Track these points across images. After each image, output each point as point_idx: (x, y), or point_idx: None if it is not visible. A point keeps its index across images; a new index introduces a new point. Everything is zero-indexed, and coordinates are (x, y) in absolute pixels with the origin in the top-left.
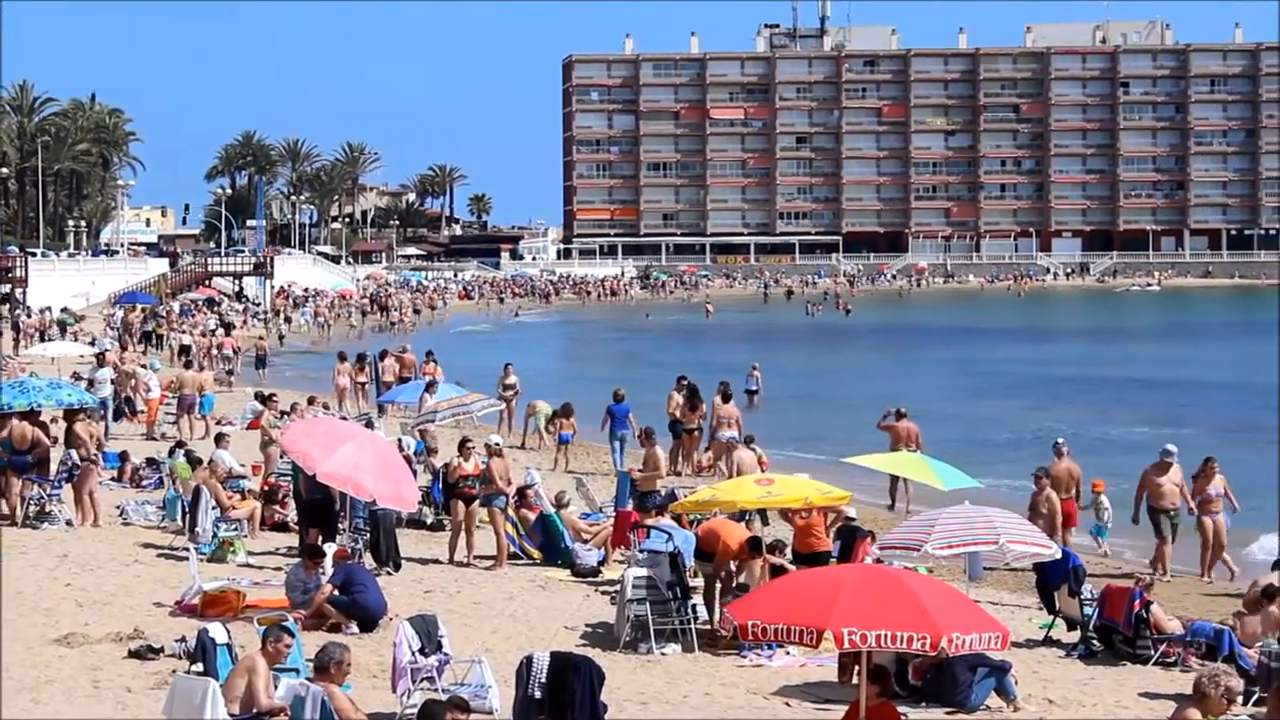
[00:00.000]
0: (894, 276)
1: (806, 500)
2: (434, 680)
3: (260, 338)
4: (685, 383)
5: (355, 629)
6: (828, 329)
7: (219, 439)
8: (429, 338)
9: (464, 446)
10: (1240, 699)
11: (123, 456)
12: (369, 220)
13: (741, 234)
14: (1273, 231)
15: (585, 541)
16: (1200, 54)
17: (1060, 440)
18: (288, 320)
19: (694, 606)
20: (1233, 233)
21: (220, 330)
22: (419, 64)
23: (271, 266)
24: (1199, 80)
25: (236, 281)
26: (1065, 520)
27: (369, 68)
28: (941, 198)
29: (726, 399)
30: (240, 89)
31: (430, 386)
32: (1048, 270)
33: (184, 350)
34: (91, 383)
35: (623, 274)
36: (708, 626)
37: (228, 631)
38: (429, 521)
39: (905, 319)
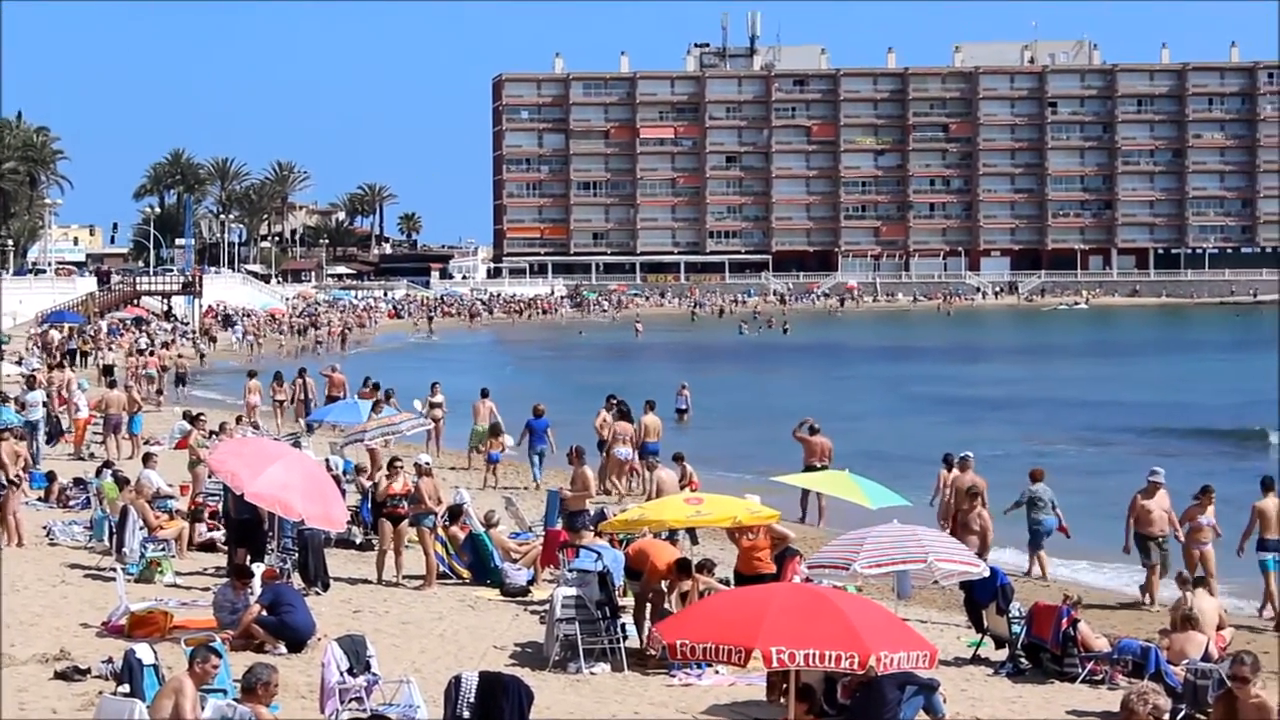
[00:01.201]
0: (824, 295)
1: (735, 519)
2: (362, 700)
3: (180, 356)
4: (615, 402)
5: (283, 649)
6: (758, 348)
7: (146, 459)
8: (360, 358)
9: (392, 466)
10: (1167, 717)
11: (50, 477)
12: (298, 239)
13: (671, 253)
14: (1199, 251)
15: (514, 561)
16: (1127, 74)
17: (968, 455)
18: (212, 339)
19: (623, 626)
20: (1160, 252)
21: (148, 349)
22: (348, 83)
23: (200, 286)
24: (1126, 100)
25: (165, 301)
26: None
27: (298, 86)
28: (871, 217)
29: (623, 415)
30: (169, 107)
31: (377, 406)
32: (976, 289)
33: (108, 370)
34: (23, 405)
35: (553, 293)
36: (637, 646)
37: (154, 652)
38: (358, 541)
39: (837, 338)
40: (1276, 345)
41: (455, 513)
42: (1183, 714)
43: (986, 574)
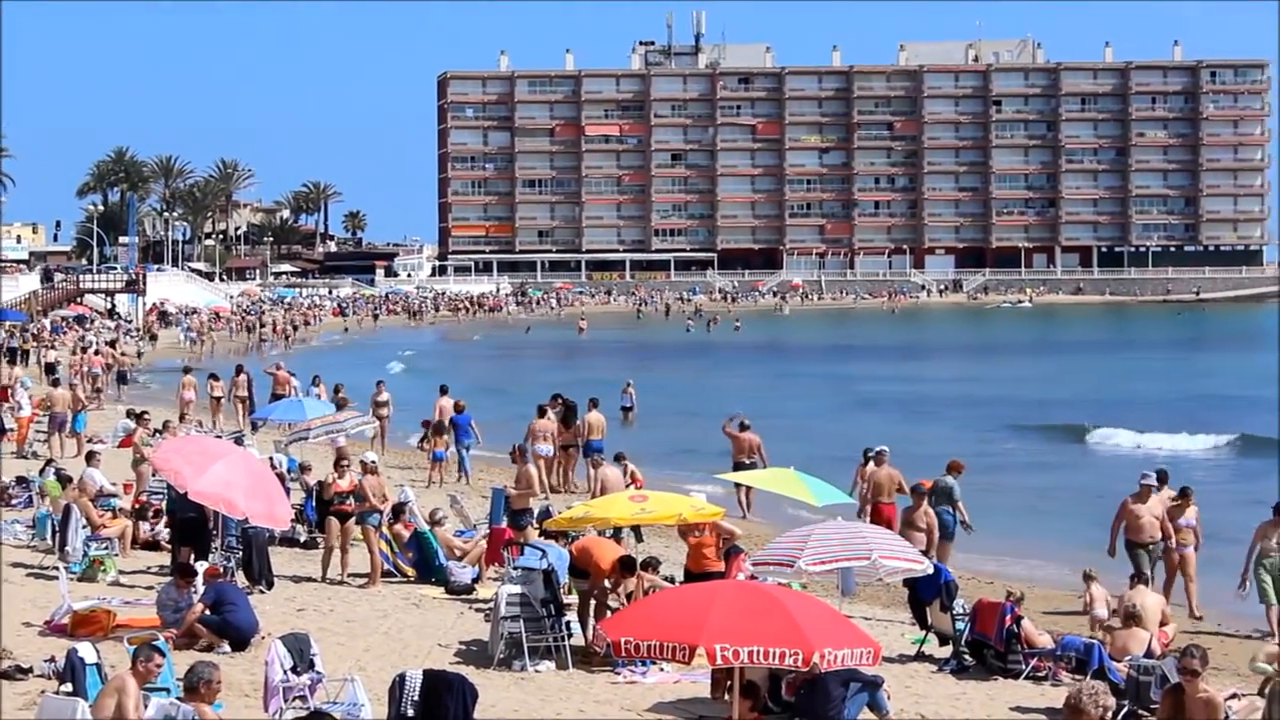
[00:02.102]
0: (772, 293)
1: (680, 517)
2: (306, 699)
3: (122, 354)
4: (561, 401)
5: (227, 648)
6: (704, 346)
7: (90, 457)
8: (304, 356)
9: (338, 464)
10: (1111, 714)
11: None
12: (242, 237)
13: (617, 250)
14: (1143, 249)
15: (459, 559)
16: (1071, 72)
17: (884, 449)
18: (153, 338)
19: (568, 624)
20: (1103, 250)
21: (92, 347)
22: (293, 81)
23: (144, 284)
24: (1070, 98)
25: (109, 298)
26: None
27: (243, 84)
28: (816, 215)
29: (541, 414)
30: (113, 105)
31: (342, 405)
32: (921, 287)
33: (50, 368)
34: None
35: (498, 290)
36: (582, 644)
37: (97, 651)
38: (302, 539)
39: (783, 336)
40: (1202, 343)
41: (399, 510)
42: (1125, 710)
43: (930, 571)
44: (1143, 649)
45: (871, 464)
